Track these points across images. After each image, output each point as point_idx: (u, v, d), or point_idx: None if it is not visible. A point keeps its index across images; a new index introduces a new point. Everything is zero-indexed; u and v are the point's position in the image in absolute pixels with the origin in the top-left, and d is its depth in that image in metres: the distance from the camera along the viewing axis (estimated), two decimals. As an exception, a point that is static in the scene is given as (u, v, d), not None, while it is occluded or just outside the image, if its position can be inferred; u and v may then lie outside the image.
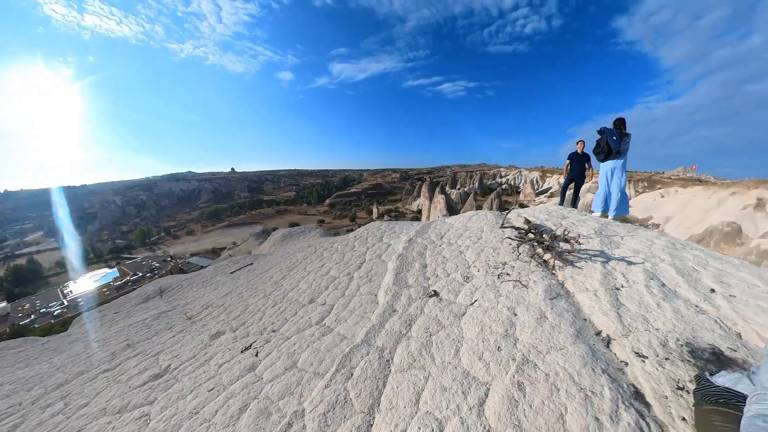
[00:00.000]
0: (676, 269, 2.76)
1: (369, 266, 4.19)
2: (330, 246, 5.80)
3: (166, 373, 3.15)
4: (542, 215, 4.85)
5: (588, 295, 2.53)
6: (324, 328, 2.94)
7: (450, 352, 2.02)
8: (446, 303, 2.76)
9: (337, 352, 2.44)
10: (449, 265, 3.58)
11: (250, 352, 2.98)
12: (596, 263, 2.97)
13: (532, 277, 2.91)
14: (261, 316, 3.86)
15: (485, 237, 4.13)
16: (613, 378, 1.61)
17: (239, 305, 4.63)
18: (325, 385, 1.98)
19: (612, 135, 4.73)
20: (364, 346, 2.29)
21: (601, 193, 5.14)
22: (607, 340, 2.02)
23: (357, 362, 2.13)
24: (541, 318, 2.25)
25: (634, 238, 3.56)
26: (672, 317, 2.12)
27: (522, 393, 1.55)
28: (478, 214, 5.18)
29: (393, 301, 2.95)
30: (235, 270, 8.10)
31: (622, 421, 1.34)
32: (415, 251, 4.22)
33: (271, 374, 2.44)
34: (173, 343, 3.95)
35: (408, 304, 2.86)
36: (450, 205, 53.40)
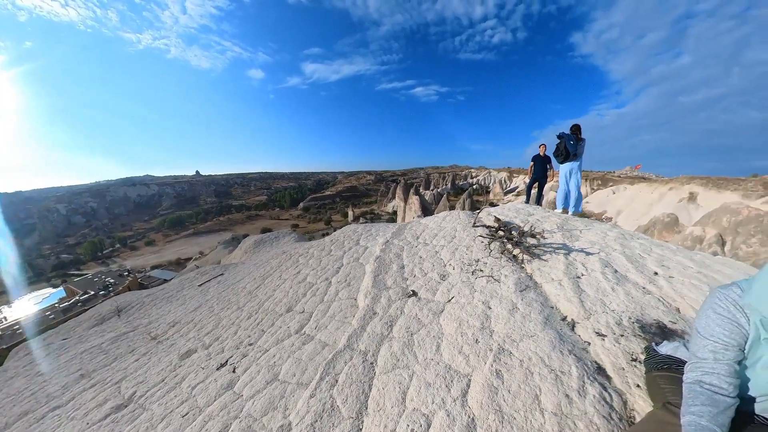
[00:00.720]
0: (626, 257, 3.08)
1: (347, 270, 4.18)
2: (306, 251, 5.69)
3: (130, 402, 2.90)
4: (511, 213, 5.16)
5: (553, 284, 2.74)
6: (304, 337, 2.89)
7: (431, 349, 2.09)
8: (425, 302, 2.84)
9: (320, 360, 2.41)
10: (426, 265, 3.68)
11: (227, 368, 2.85)
12: (559, 255, 3.22)
13: (503, 272, 3.08)
14: (236, 329, 3.69)
15: (459, 236, 4.30)
16: (579, 357, 1.77)
17: (211, 320, 4.38)
18: (310, 394, 1.95)
19: (569, 140, 5.26)
20: (347, 351, 2.30)
21: (562, 192, 5.70)
22: (572, 323, 2.20)
23: (341, 368, 2.12)
24: (513, 309, 2.40)
25: (591, 231, 3.92)
26: (624, 299, 2.37)
27: (500, 380, 1.66)
28: (452, 214, 5.37)
29: (373, 304, 2.98)
30: (203, 282, 7.64)
31: (588, 395, 1.49)
32: (392, 253, 4.28)
33: (252, 390, 2.35)
34: (137, 367, 3.65)
35: (388, 306, 2.90)
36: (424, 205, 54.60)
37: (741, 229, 16.06)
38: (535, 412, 1.44)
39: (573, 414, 1.40)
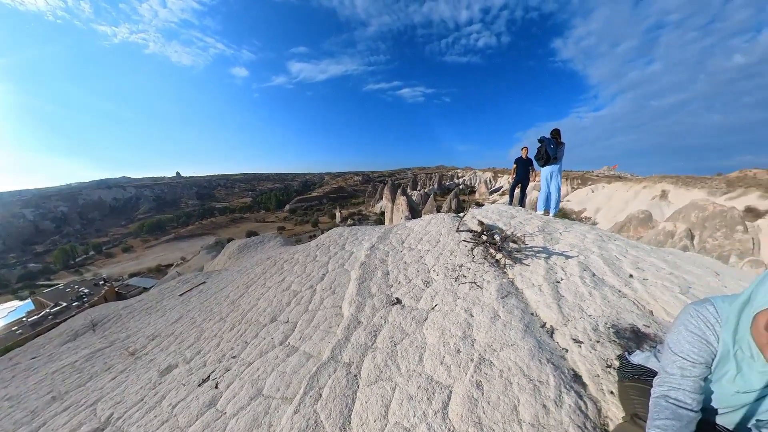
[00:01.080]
0: (603, 259, 3.19)
1: (332, 277, 4.14)
2: (291, 257, 5.60)
3: (107, 425, 2.76)
4: (494, 215, 5.26)
5: (534, 290, 2.80)
6: (289, 348, 2.85)
7: (414, 360, 2.09)
8: (409, 310, 2.84)
9: (304, 373, 2.37)
10: (410, 271, 3.70)
11: (209, 384, 2.76)
12: (540, 259, 3.30)
13: (486, 278, 3.13)
14: (218, 341, 3.59)
15: (443, 240, 4.34)
16: (556, 365, 1.81)
17: (192, 332, 4.25)
18: (294, 410, 1.92)
19: (550, 144, 5.48)
20: (331, 364, 2.27)
21: (543, 194, 5.92)
22: (551, 330, 2.25)
23: (325, 381, 2.10)
24: (495, 317, 2.44)
25: (571, 233, 4.04)
26: (601, 303, 2.45)
27: (480, 391, 1.67)
28: (437, 217, 5.41)
29: (357, 313, 2.96)
30: (185, 291, 7.40)
31: (564, 404, 1.52)
32: (377, 258, 4.27)
33: (235, 407, 2.29)
34: (114, 386, 3.49)
35: (372, 315, 2.89)
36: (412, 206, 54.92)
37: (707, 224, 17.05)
38: (513, 423, 1.46)
39: (549, 425, 1.43)
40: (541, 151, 5.63)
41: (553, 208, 5.78)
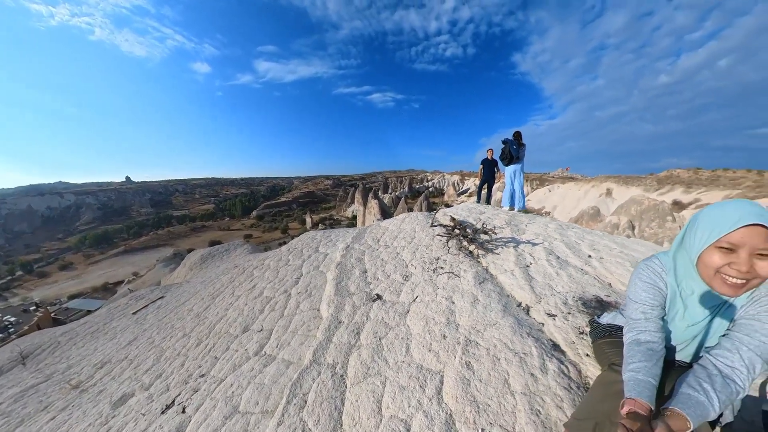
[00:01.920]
0: (565, 244, 3.44)
1: (307, 280, 3.99)
2: (261, 263, 5.31)
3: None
4: (464, 212, 5.46)
5: (507, 275, 2.94)
6: (265, 358, 2.67)
7: (401, 351, 2.07)
8: (390, 304, 2.82)
9: (285, 381, 2.23)
10: (388, 267, 3.68)
11: (174, 409, 2.48)
12: (510, 248, 3.47)
13: (462, 267, 3.22)
14: (183, 361, 3.26)
15: (418, 236, 4.40)
16: (536, 338, 1.90)
17: (151, 353, 3.82)
18: (277, 422, 1.79)
19: (513, 145, 5.95)
20: (314, 367, 2.16)
21: (508, 192, 6.32)
22: (527, 308, 2.37)
23: (309, 386, 1.99)
24: (475, 301, 2.51)
25: (534, 224, 4.32)
26: (567, 281, 2.64)
27: (471, 371, 1.70)
28: (410, 216, 5.48)
29: (337, 313, 2.87)
30: (139, 309, 6.65)
31: (549, 371, 1.61)
32: (353, 258, 4.20)
33: (208, 430, 2.08)
34: (54, 428, 3.00)
35: (353, 313, 2.82)
36: (383, 209, 55.16)
37: (644, 216, 19.73)
38: (506, 395, 1.51)
39: (539, 390, 1.50)
40: (505, 152, 6.07)
41: (517, 204, 6.18)
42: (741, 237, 0.82)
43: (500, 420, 1.41)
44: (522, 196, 6.21)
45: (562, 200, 35.67)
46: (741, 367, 0.86)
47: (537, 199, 39.60)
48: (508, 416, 1.41)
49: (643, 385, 0.91)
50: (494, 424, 1.40)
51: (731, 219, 0.84)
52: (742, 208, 0.85)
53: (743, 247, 0.83)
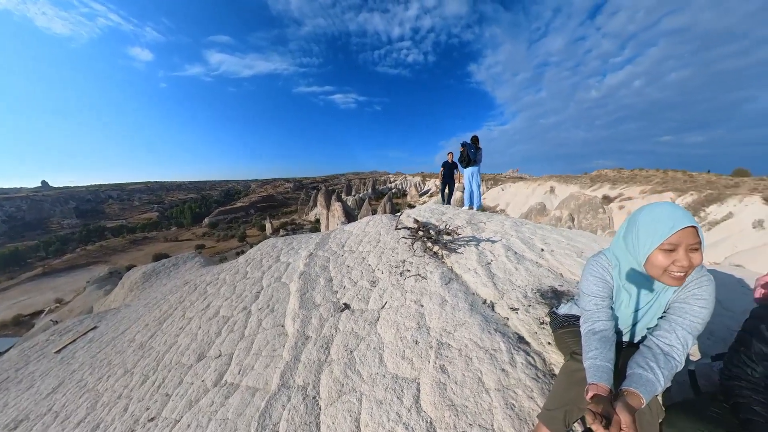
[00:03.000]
0: (520, 240, 3.69)
1: (268, 293, 3.74)
2: (216, 278, 4.86)
3: None
4: (427, 213, 5.59)
5: (471, 273, 3.05)
6: (227, 388, 2.41)
7: (375, 363, 2.02)
8: (359, 313, 2.75)
9: (252, 413, 2.04)
10: (355, 273, 3.61)
11: (116, 462, 2.13)
12: (471, 246, 3.61)
13: (428, 269, 3.26)
14: (126, 404, 2.83)
15: (383, 239, 4.38)
16: (503, 333, 1.98)
17: (83, 401, 3.25)
18: (244, 459, 1.62)
19: (470, 148, 6.36)
20: (283, 392, 2.01)
21: (467, 192, 6.73)
22: (491, 305, 2.47)
23: (279, 414, 1.84)
24: (443, 302, 2.55)
25: (492, 222, 4.57)
26: (525, 275, 2.81)
27: (446, 374, 1.71)
28: (375, 218, 5.46)
29: (304, 328, 2.72)
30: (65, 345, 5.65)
31: (518, 364, 1.69)
32: (317, 266, 4.05)
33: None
34: None
35: (321, 326, 2.69)
36: (347, 211, 54.35)
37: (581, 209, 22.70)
38: (482, 394, 1.54)
39: (511, 384, 1.56)
40: (463, 155, 6.47)
41: (476, 203, 6.59)
42: (678, 238, 0.98)
43: (479, 420, 1.43)
44: (479, 195, 6.64)
45: (513, 198, 39.20)
46: (678, 344, 1.02)
47: (492, 197, 42.96)
48: (486, 415, 1.44)
49: (602, 370, 1.01)
50: (473, 424, 1.41)
51: (668, 225, 1.00)
52: (674, 213, 1.01)
53: (681, 245, 0.99)
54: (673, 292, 1.09)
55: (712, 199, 19.02)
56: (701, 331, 1.04)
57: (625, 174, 31.44)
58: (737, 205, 17.61)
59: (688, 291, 1.07)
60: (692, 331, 1.03)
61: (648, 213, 1.07)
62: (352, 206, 70.89)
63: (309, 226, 74.27)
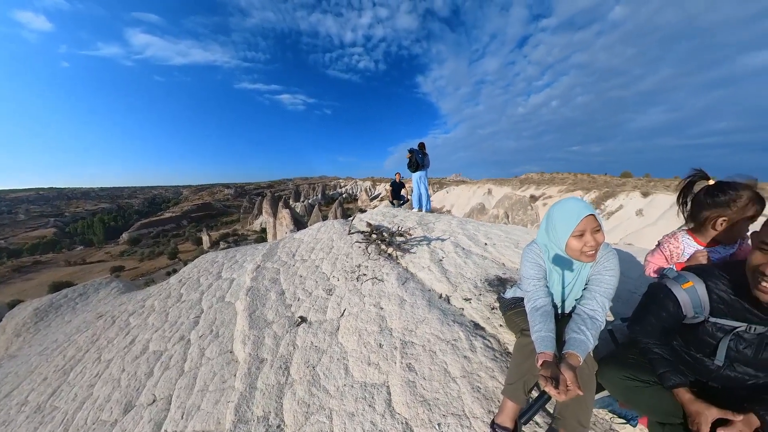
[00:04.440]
0: (467, 236, 3.97)
1: (210, 317, 3.33)
2: (140, 306, 4.14)
3: None
4: (379, 217, 5.66)
5: (425, 271, 3.16)
6: (165, 436, 2.06)
7: (340, 374, 1.94)
8: (317, 324, 2.63)
9: (201, 459, 1.77)
10: (309, 283, 3.45)
11: None
12: (424, 246, 3.76)
13: (384, 271, 3.29)
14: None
15: (337, 245, 4.28)
16: (461, 323, 2.10)
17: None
18: None
19: (418, 154, 6.80)
20: (241, 428, 1.79)
21: (416, 195, 7.09)
22: (447, 298, 2.60)
23: (236, 452, 1.63)
24: (402, 302, 2.59)
25: (441, 222, 4.83)
26: (473, 267, 3.03)
27: (414, 372, 1.73)
28: (326, 224, 5.30)
29: (257, 350, 2.48)
30: None
31: (477, 349, 1.81)
32: (266, 279, 3.75)
33: None
34: None
35: (276, 345, 2.49)
36: (296, 218, 51.34)
37: (514, 207, 26.21)
38: (450, 384, 1.60)
39: (474, 369, 1.66)
40: (411, 160, 6.85)
41: (425, 205, 6.99)
42: (584, 225, 1.22)
43: (451, 409, 1.48)
44: (428, 198, 7.08)
45: (457, 199, 43.19)
46: (599, 308, 1.26)
47: (438, 200, 46.66)
48: (457, 402, 1.50)
49: (547, 339, 1.18)
50: (447, 414, 1.46)
51: (574, 216, 1.24)
52: (577, 206, 1.25)
53: (587, 230, 1.23)
54: (590, 268, 1.34)
55: (608, 195, 23.92)
56: (613, 294, 1.30)
57: (546, 177, 38.13)
58: (625, 199, 22.38)
59: (600, 265, 1.32)
60: (608, 296, 1.28)
61: (559, 209, 1.30)
62: (301, 213, 67.80)
63: (254, 236, 68.13)
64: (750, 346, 1.01)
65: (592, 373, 1.23)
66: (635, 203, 21.24)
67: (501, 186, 37.39)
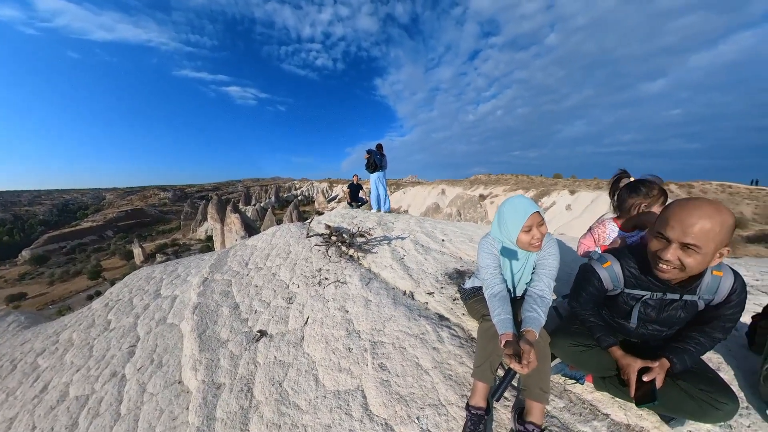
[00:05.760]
0: (425, 234, 4.11)
1: (150, 344, 2.92)
2: (53, 342, 3.43)
3: None
4: (338, 218, 5.53)
5: (388, 270, 3.19)
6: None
7: (311, 386, 1.85)
8: (279, 337, 2.47)
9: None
10: (266, 293, 3.23)
11: None
12: (384, 245, 3.79)
13: (347, 273, 3.23)
14: None
15: (295, 250, 4.08)
16: (426, 317, 2.17)
17: None
18: None
19: (376, 155, 6.82)
20: (199, 463, 1.59)
21: (374, 196, 7.15)
22: (411, 294, 2.66)
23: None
24: (367, 303, 2.57)
25: (400, 221, 4.92)
26: (433, 263, 3.15)
27: (387, 371, 1.73)
28: (282, 228, 5.01)
29: (211, 375, 2.24)
30: None
31: (444, 339, 1.89)
32: (217, 293, 3.42)
33: None
34: None
35: (234, 366, 2.28)
36: (247, 223, 47.10)
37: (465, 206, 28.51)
38: (423, 376, 1.64)
39: (444, 358, 1.73)
40: (370, 161, 6.86)
41: (383, 206, 7.05)
42: (531, 221, 1.39)
43: (427, 400, 1.52)
44: (387, 198, 7.15)
45: (413, 199, 45.11)
46: (546, 288, 1.45)
47: (395, 200, 48.41)
48: (432, 393, 1.55)
49: (506, 321, 1.32)
50: (424, 406, 1.49)
51: (522, 214, 1.40)
52: (524, 204, 1.42)
53: (533, 225, 1.40)
54: (536, 254, 1.53)
55: (544, 193, 28.18)
56: (556, 275, 1.50)
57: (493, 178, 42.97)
58: (557, 196, 26.42)
59: (544, 251, 1.51)
60: (552, 277, 1.48)
61: (509, 207, 1.46)
62: (252, 217, 62.81)
63: (198, 245, 60.55)
64: (654, 309, 1.27)
65: (546, 345, 1.40)
66: (565, 200, 25.36)
67: (453, 186, 40.35)
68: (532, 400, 1.29)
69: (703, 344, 1.20)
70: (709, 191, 23.64)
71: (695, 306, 1.22)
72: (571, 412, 1.42)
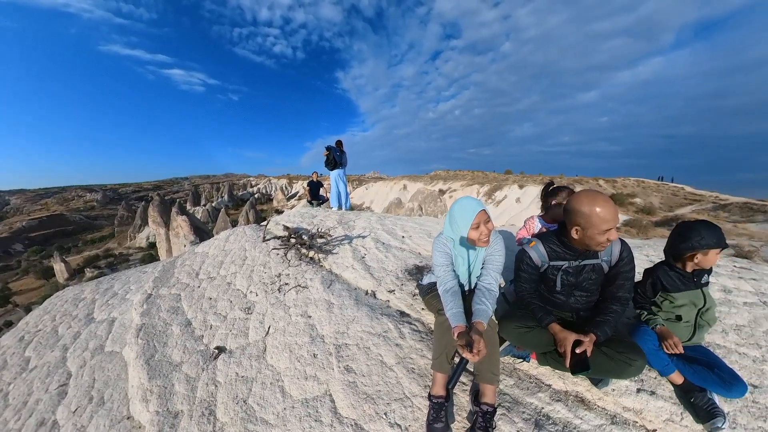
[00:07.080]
0: (386, 231, 4.19)
1: (85, 379, 2.60)
2: None
3: None
4: (297, 218, 5.35)
5: (349, 270, 3.21)
6: None
7: (278, 398, 1.82)
8: (240, 351, 2.38)
9: None
10: (222, 305, 3.05)
11: None
12: (345, 245, 3.79)
13: (307, 276, 3.18)
14: None
15: (251, 255, 3.89)
16: (389, 314, 2.26)
17: None
18: None
19: (336, 152, 6.66)
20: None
21: (335, 193, 7.00)
22: (373, 293, 2.72)
23: None
24: (330, 306, 2.57)
25: (361, 219, 4.93)
26: (394, 260, 3.25)
27: (353, 373, 1.78)
28: (236, 232, 4.71)
29: (166, 404, 2.07)
30: None
31: (406, 334, 2.00)
32: (164, 310, 3.14)
33: None
34: None
35: (192, 390, 2.13)
36: (197, 226, 41.79)
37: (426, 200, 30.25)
38: (388, 373, 1.72)
39: (406, 353, 1.84)
40: (329, 158, 6.68)
41: (344, 204, 6.95)
42: (478, 219, 1.52)
43: (393, 396, 1.60)
44: (347, 196, 7.08)
45: (376, 195, 45.72)
46: (493, 281, 1.60)
47: (358, 196, 48.28)
48: (397, 388, 1.64)
49: (458, 315, 1.45)
50: (391, 402, 1.58)
51: (470, 212, 1.53)
52: (471, 204, 1.55)
53: (481, 222, 1.52)
54: (485, 250, 1.69)
55: (497, 187, 31.05)
56: (502, 269, 1.66)
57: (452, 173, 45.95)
58: (508, 191, 29.09)
59: (492, 247, 1.65)
60: (498, 271, 1.64)
61: (458, 208, 1.57)
62: (203, 219, 56.55)
63: (139, 254, 52.39)
64: (572, 275, 1.55)
65: (494, 333, 1.57)
66: (515, 193, 27.98)
67: (415, 182, 41.83)
68: (484, 383, 1.43)
69: (616, 311, 1.48)
70: (629, 185, 28.88)
71: (601, 268, 1.53)
72: (520, 388, 1.62)
